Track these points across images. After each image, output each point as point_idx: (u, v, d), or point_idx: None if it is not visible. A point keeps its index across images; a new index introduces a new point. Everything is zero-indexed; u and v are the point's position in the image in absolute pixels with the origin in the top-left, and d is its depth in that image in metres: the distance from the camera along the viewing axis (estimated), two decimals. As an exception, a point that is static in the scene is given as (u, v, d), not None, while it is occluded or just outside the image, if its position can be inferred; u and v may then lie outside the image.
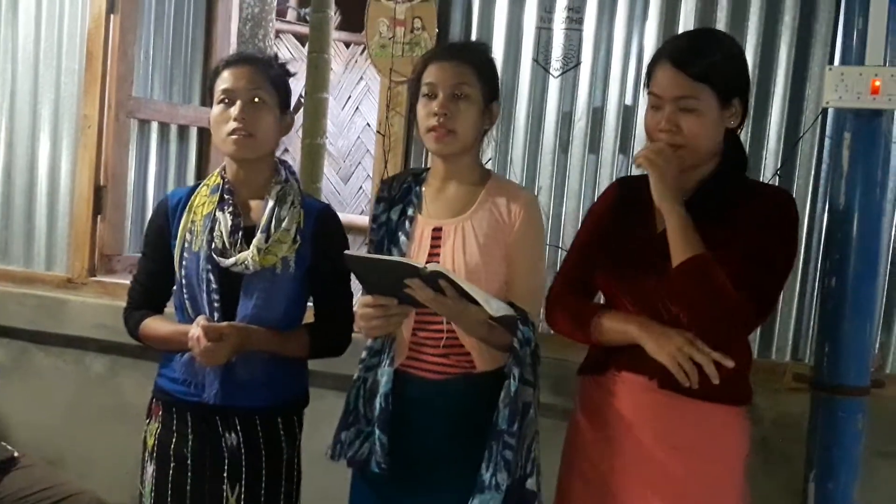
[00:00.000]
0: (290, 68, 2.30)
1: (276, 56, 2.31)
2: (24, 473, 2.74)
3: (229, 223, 2.14)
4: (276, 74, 2.21)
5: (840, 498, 2.26)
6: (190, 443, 2.18)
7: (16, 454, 2.80)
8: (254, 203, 2.20)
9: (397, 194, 2.16)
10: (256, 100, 2.14)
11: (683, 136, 1.92)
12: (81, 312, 3.36)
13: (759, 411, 2.05)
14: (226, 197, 2.18)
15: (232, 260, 2.11)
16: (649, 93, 2.00)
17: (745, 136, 2.69)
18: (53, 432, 3.40)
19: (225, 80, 2.15)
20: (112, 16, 3.38)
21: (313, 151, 4.68)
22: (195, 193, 2.23)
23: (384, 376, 2.05)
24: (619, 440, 2.01)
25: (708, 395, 1.91)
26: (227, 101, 2.14)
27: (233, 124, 2.11)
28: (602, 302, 2.17)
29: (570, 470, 2.13)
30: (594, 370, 2.09)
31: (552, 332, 2.18)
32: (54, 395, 3.45)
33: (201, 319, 2.08)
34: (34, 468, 2.79)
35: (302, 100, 4.32)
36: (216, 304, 2.12)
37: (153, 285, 2.27)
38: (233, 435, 2.16)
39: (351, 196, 8.15)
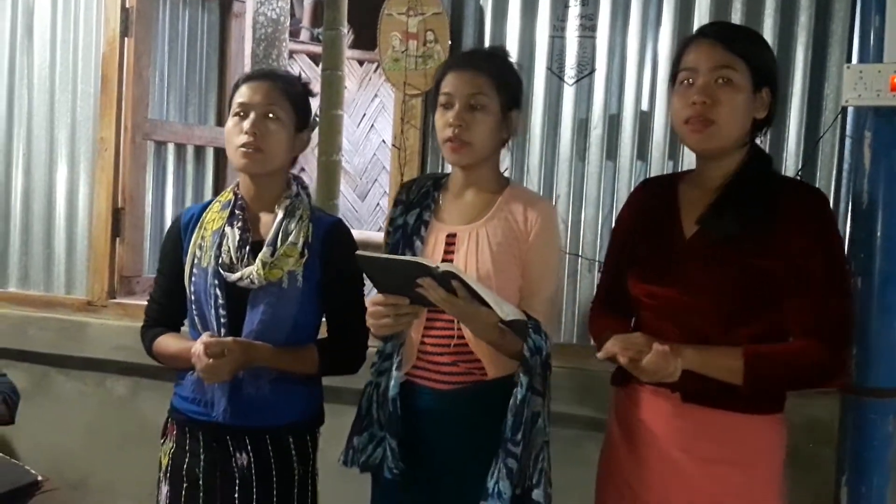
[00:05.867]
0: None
1: (298, 76, 2.30)
2: (48, 498, 2.75)
3: (237, 238, 2.14)
4: (296, 93, 2.21)
5: (874, 501, 2.23)
6: (202, 463, 2.17)
7: (39, 478, 2.81)
8: (264, 218, 2.20)
9: (415, 198, 2.17)
10: (270, 115, 2.14)
11: (717, 111, 1.85)
12: (102, 335, 3.37)
13: (787, 417, 2.02)
14: (236, 212, 2.18)
15: (238, 274, 2.10)
16: (680, 70, 1.93)
17: (765, 137, 2.68)
18: (76, 455, 3.41)
19: (242, 94, 2.16)
20: (126, 39, 3.41)
21: (329, 168, 4.69)
22: (207, 210, 2.23)
23: (392, 380, 2.05)
24: (648, 454, 1.98)
25: (734, 406, 1.89)
26: (241, 114, 2.14)
27: (243, 137, 2.11)
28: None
29: (606, 483, 2.10)
30: (620, 381, 2.06)
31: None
32: (76, 419, 3.46)
33: (205, 336, 2.07)
34: (57, 492, 2.80)
35: (316, 118, 4.34)
36: (223, 320, 2.11)
37: (168, 303, 2.26)
38: (243, 455, 2.15)
39: (368, 213, 8.19)
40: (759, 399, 1.90)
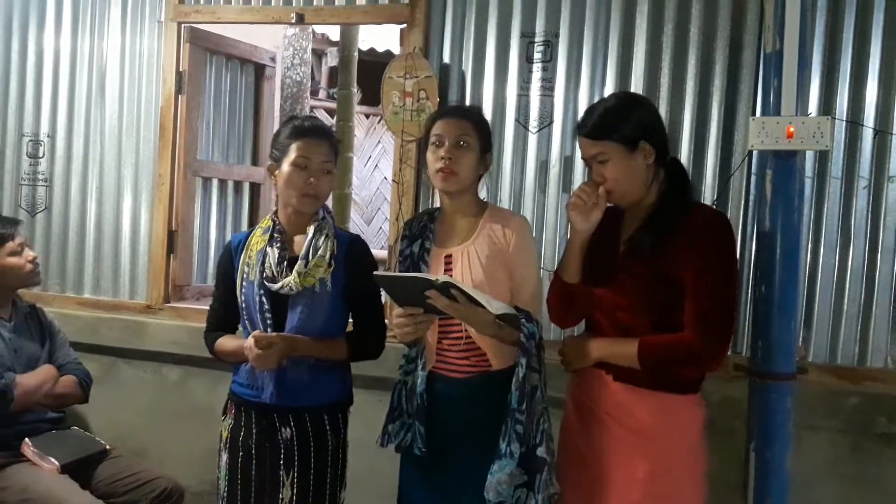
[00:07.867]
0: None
1: (332, 129, 2.31)
2: (114, 463, 2.71)
3: (276, 256, 2.13)
4: (335, 145, 2.20)
5: (776, 464, 2.22)
6: (254, 436, 2.15)
7: (107, 447, 2.76)
8: (298, 238, 2.18)
9: (416, 231, 2.16)
10: (328, 172, 2.14)
11: (608, 183, 1.91)
12: (159, 332, 3.33)
13: (706, 396, 2.01)
14: (275, 235, 2.16)
15: (279, 284, 2.09)
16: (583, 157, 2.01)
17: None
18: (137, 429, 3.37)
19: (305, 150, 2.10)
20: (180, 96, 3.39)
21: (342, 199, 4.68)
22: (251, 235, 2.22)
23: (419, 378, 2.05)
24: (592, 424, 1.98)
25: (659, 386, 1.89)
26: (304, 167, 2.10)
27: (307, 188, 2.09)
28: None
29: (562, 450, 2.10)
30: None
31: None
32: (137, 400, 3.41)
33: (255, 332, 2.06)
34: (122, 459, 2.75)
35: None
36: (269, 321, 2.10)
37: (224, 311, 2.25)
38: (287, 429, 2.13)
39: (373, 234, 8.16)
40: (678, 380, 1.90)
